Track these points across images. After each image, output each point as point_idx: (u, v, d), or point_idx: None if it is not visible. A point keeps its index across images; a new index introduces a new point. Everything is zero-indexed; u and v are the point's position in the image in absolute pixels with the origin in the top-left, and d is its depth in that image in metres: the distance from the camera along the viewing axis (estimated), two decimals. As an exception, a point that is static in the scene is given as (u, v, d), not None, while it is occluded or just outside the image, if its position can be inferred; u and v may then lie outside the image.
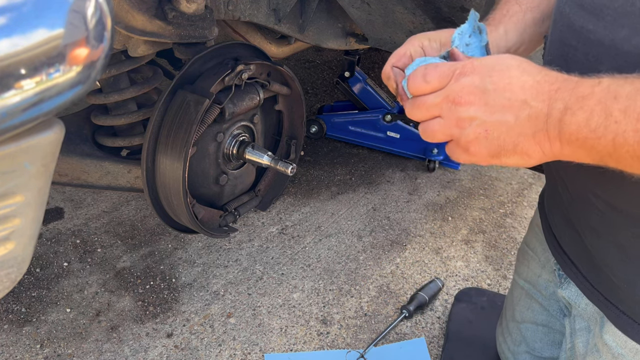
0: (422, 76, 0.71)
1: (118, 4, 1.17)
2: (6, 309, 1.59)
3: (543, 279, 1.18)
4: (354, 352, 1.51)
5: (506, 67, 0.66)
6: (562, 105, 0.62)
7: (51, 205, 2.01)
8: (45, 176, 0.70)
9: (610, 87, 0.59)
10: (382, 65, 3.13)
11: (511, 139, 0.66)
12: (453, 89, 0.68)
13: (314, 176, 2.29)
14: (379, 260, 1.85)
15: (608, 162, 0.61)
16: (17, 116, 0.57)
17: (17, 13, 0.54)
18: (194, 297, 1.66)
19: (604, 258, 0.85)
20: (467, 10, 1.54)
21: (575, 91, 0.61)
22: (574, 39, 0.77)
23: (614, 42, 0.70)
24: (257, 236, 1.93)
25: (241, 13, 1.53)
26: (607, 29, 0.70)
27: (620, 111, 0.57)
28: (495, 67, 0.66)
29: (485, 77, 0.66)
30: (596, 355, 0.94)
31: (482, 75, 0.66)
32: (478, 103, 0.67)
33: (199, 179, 1.43)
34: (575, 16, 0.76)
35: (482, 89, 0.66)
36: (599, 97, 0.59)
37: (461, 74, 0.68)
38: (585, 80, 0.61)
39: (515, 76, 0.65)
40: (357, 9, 1.76)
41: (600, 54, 0.72)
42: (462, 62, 0.69)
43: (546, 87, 0.63)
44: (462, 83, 0.67)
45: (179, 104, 1.28)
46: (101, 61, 0.63)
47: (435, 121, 0.71)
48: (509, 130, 0.66)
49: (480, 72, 0.67)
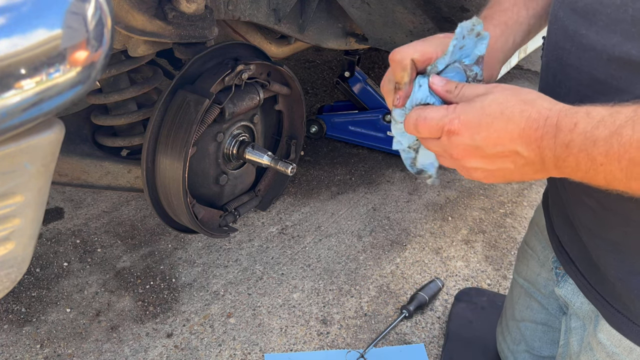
0: (414, 125, 0.74)
1: (118, 4, 1.17)
2: (6, 309, 1.59)
3: (542, 278, 1.18)
4: (354, 352, 1.51)
5: (490, 120, 0.68)
6: (552, 154, 0.65)
7: (51, 205, 2.01)
8: (45, 176, 0.70)
9: (587, 133, 0.62)
10: (382, 65, 3.15)
11: (516, 176, 0.72)
12: (449, 146, 0.72)
13: (314, 176, 2.29)
14: (379, 260, 1.85)
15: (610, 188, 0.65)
16: (17, 116, 0.57)
17: (17, 13, 0.54)
18: (194, 297, 1.66)
19: (599, 256, 0.85)
20: (467, 11, 1.54)
21: (558, 139, 0.64)
22: (567, 42, 0.78)
23: (605, 48, 0.71)
24: (257, 236, 1.93)
25: (241, 13, 1.53)
26: (599, 34, 0.72)
27: (602, 155, 0.61)
28: (482, 122, 0.68)
29: (473, 134, 0.69)
30: (590, 353, 0.94)
31: (471, 133, 0.69)
32: (476, 157, 0.71)
33: (199, 179, 1.43)
34: (568, 20, 0.77)
35: (475, 146, 0.70)
36: (579, 145, 0.62)
37: (450, 132, 0.71)
38: (563, 123, 0.64)
39: (501, 128, 0.68)
40: (357, 9, 1.76)
41: (592, 58, 0.73)
42: (448, 116, 0.70)
43: (532, 135, 0.66)
44: (454, 142, 0.71)
45: (179, 104, 1.28)
46: (101, 61, 0.63)
47: (440, 158, 0.78)
48: (512, 172, 0.71)
49: (468, 130, 0.69)
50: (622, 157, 0.59)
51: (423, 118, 0.73)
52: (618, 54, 0.69)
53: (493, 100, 0.69)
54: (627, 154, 0.59)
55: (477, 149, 0.70)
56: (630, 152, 0.59)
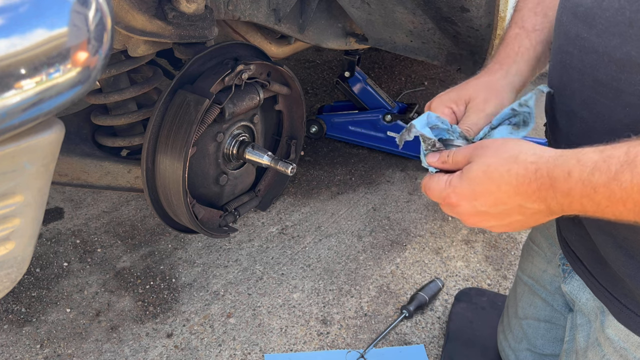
0: (426, 188, 0.81)
1: (118, 4, 1.17)
2: (6, 309, 1.59)
3: (548, 274, 1.18)
4: (354, 352, 1.51)
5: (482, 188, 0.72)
6: (555, 202, 0.67)
7: (51, 205, 2.01)
8: (45, 176, 0.70)
9: (584, 181, 0.63)
10: (382, 65, 3.15)
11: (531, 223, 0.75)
12: (457, 213, 0.77)
13: (314, 176, 2.29)
14: (379, 260, 1.85)
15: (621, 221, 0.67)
16: (17, 116, 0.57)
17: (17, 13, 0.54)
18: (194, 297, 1.66)
19: (607, 253, 0.86)
20: (467, 11, 1.54)
21: (557, 189, 0.66)
22: (570, 46, 0.80)
23: (606, 50, 0.72)
24: (257, 236, 1.93)
25: (241, 13, 1.53)
26: (600, 37, 0.73)
27: (605, 199, 0.63)
28: (475, 191, 0.73)
29: (472, 202, 0.74)
30: (598, 349, 0.95)
31: (469, 201, 0.74)
32: (485, 219, 0.75)
33: (199, 179, 1.43)
34: (570, 25, 0.79)
35: (478, 211, 0.74)
36: (580, 193, 0.64)
37: (450, 205, 0.77)
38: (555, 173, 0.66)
39: (495, 191, 0.71)
40: (357, 9, 1.76)
41: (594, 60, 0.75)
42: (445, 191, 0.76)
43: (528, 190, 0.69)
44: (459, 212, 0.77)
45: (179, 104, 1.28)
46: (101, 61, 0.63)
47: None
48: (524, 222, 0.74)
49: (465, 200, 0.74)
50: (627, 201, 0.61)
51: (428, 188, 0.80)
52: (618, 56, 0.71)
53: (478, 168, 0.73)
54: (630, 198, 0.61)
55: (481, 213, 0.74)
56: (633, 196, 0.60)
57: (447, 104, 0.90)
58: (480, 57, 1.72)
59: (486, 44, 1.63)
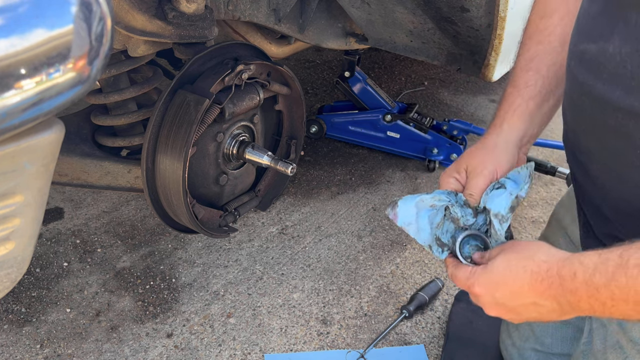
0: (452, 276, 0.88)
1: (118, 4, 1.17)
2: (6, 309, 1.59)
3: None
4: (354, 352, 1.51)
5: (501, 279, 0.79)
6: (565, 301, 0.72)
7: (51, 205, 2.01)
8: (45, 176, 0.70)
9: (587, 282, 0.69)
10: (382, 65, 3.14)
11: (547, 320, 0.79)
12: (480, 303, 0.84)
13: (314, 176, 2.29)
14: (379, 260, 1.85)
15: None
16: (17, 116, 0.57)
17: (17, 13, 0.54)
18: (194, 297, 1.66)
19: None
20: (467, 11, 1.54)
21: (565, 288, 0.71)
22: (579, 91, 0.83)
23: (611, 99, 0.75)
24: (257, 236, 1.93)
25: (241, 13, 1.53)
26: (605, 86, 0.76)
27: (609, 299, 0.67)
28: (497, 283, 0.79)
29: (493, 293, 0.80)
30: (619, 351, 0.95)
31: (490, 292, 0.80)
32: (504, 311, 0.81)
33: (199, 179, 1.43)
34: (578, 71, 0.82)
35: (497, 303, 0.80)
36: (586, 293, 0.69)
37: (474, 294, 0.83)
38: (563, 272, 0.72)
39: (512, 284, 0.77)
40: (357, 9, 1.76)
41: (602, 107, 0.77)
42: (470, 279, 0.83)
43: (539, 287, 0.74)
44: (482, 302, 0.83)
45: (179, 104, 1.28)
46: (101, 61, 0.63)
47: None
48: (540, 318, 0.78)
49: (487, 291, 0.81)
50: (628, 301, 0.65)
51: (455, 277, 0.87)
52: (622, 106, 0.73)
53: (500, 262, 0.80)
54: (631, 297, 0.65)
55: (500, 305, 0.80)
56: (632, 295, 0.65)
57: (451, 175, 0.95)
58: (480, 57, 1.72)
59: (486, 44, 1.63)
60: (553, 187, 2.31)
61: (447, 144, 2.32)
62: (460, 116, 2.85)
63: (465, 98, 3.08)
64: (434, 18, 1.66)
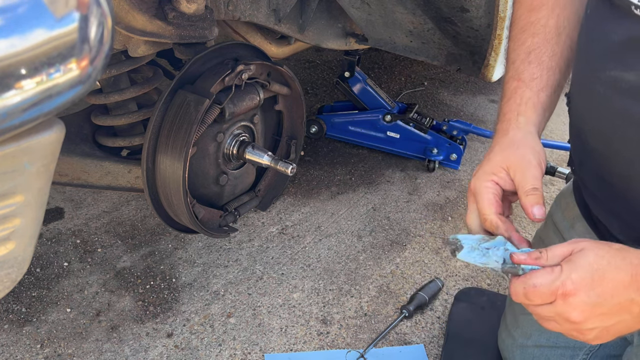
0: (523, 295, 0.74)
1: (118, 4, 1.18)
2: (6, 308, 1.59)
3: None
4: (354, 352, 1.51)
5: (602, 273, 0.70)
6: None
7: (51, 205, 2.01)
8: (46, 176, 0.70)
9: None
10: (382, 65, 3.14)
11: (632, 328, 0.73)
12: (565, 309, 0.72)
13: (314, 176, 2.29)
14: (379, 260, 1.85)
15: None
16: (18, 116, 0.57)
17: (17, 13, 0.54)
18: (194, 297, 1.66)
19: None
20: (467, 11, 1.54)
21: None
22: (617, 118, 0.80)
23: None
24: (257, 236, 1.93)
25: (241, 13, 1.53)
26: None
27: None
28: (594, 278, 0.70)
29: (589, 291, 0.70)
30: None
31: (587, 291, 0.70)
32: (594, 316, 0.71)
33: (199, 179, 1.43)
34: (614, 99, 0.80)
35: (593, 304, 0.70)
36: None
37: (565, 295, 0.71)
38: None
39: (613, 279, 0.70)
40: (357, 9, 1.76)
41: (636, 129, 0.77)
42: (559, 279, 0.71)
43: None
44: (571, 304, 0.71)
45: (179, 104, 1.28)
46: (101, 61, 0.63)
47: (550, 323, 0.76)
48: (628, 324, 0.72)
49: (583, 289, 0.70)
50: None
51: (532, 286, 0.73)
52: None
53: (595, 254, 0.71)
54: None
55: (595, 306, 0.70)
56: None
57: (487, 179, 0.87)
58: (480, 57, 1.72)
59: (486, 44, 1.63)
60: (553, 187, 2.31)
61: (447, 144, 2.32)
62: (460, 116, 2.85)
63: (465, 98, 3.08)
64: (434, 18, 1.66)
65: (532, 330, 1.24)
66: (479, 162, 0.93)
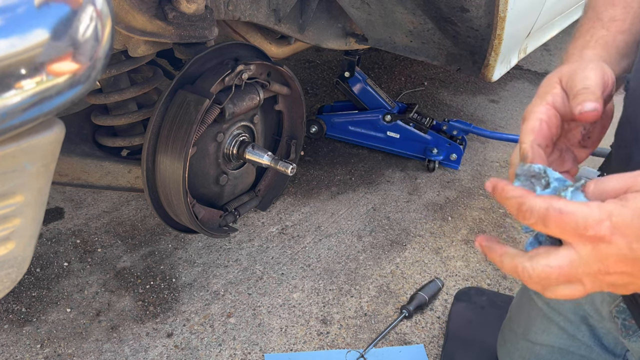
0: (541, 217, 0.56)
1: (118, 4, 1.18)
2: (6, 308, 1.59)
3: (570, 303, 1.07)
4: (354, 352, 1.51)
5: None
6: None
7: (51, 205, 2.01)
8: (46, 176, 0.70)
9: None
10: (382, 65, 3.14)
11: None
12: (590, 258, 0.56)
13: (314, 176, 2.29)
14: (379, 260, 1.85)
15: None
16: (17, 116, 0.57)
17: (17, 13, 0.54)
18: (194, 297, 1.66)
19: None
20: (467, 11, 1.54)
21: None
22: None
23: None
24: (257, 236, 1.93)
25: (241, 13, 1.53)
26: None
27: None
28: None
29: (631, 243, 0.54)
30: None
31: (628, 241, 0.54)
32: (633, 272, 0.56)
33: (199, 179, 1.43)
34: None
35: (635, 257, 0.54)
36: None
37: (597, 238, 0.54)
38: None
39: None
40: (357, 9, 1.76)
41: None
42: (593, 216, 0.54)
43: None
44: (602, 253, 0.55)
45: (179, 104, 1.28)
46: (101, 61, 0.63)
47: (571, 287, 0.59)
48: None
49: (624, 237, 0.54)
50: None
51: (557, 211, 0.55)
52: None
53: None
54: None
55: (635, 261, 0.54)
56: None
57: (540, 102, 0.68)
58: (480, 57, 1.72)
59: (486, 44, 1.63)
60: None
61: (447, 144, 2.32)
62: (460, 116, 2.85)
63: (465, 98, 3.08)
64: (434, 18, 1.66)
65: (533, 359, 1.18)
66: (479, 162, 0.88)
